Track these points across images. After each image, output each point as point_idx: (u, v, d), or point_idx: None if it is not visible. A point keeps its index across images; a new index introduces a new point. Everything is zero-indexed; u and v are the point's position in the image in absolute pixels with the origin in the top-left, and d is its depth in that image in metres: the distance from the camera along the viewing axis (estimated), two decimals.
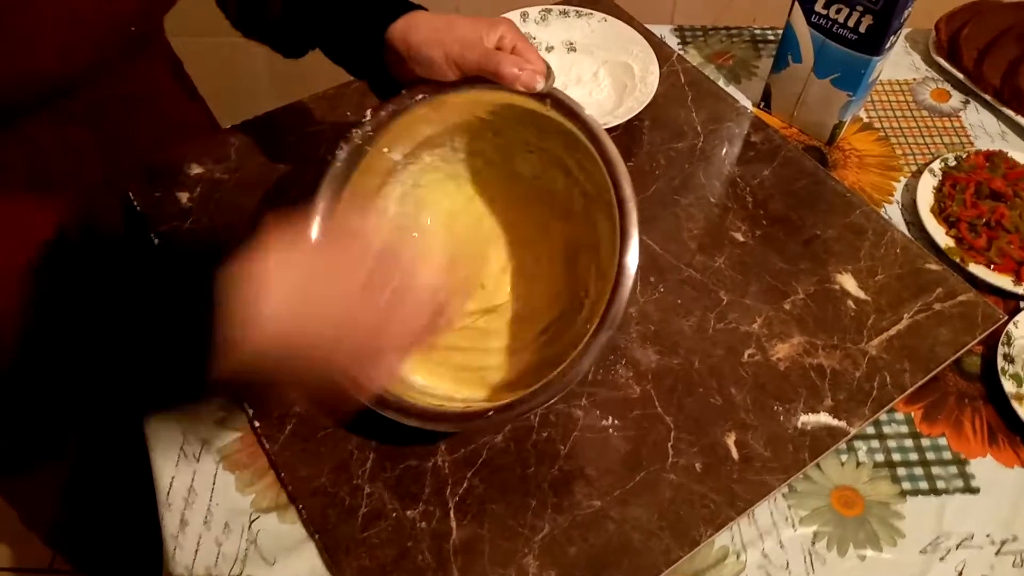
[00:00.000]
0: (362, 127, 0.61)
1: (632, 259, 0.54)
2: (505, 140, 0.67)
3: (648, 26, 0.96)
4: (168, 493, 0.61)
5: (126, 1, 0.59)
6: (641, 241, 0.71)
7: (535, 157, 0.67)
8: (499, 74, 0.56)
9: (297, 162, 0.81)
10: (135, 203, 0.76)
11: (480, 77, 0.58)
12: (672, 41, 1.00)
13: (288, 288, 0.45)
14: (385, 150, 0.64)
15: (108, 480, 0.83)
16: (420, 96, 0.61)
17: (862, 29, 0.79)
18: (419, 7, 0.62)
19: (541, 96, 0.58)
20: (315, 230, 0.62)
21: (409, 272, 0.50)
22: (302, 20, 0.67)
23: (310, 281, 0.47)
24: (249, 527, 0.60)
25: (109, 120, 0.71)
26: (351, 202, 0.64)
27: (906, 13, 0.78)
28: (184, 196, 0.77)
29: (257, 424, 0.64)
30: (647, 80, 0.86)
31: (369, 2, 0.62)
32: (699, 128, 0.87)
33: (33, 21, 0.53)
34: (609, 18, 0.93)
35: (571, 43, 0.94)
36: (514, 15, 0.93)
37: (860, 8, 0.77)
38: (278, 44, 0.71)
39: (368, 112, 0.61)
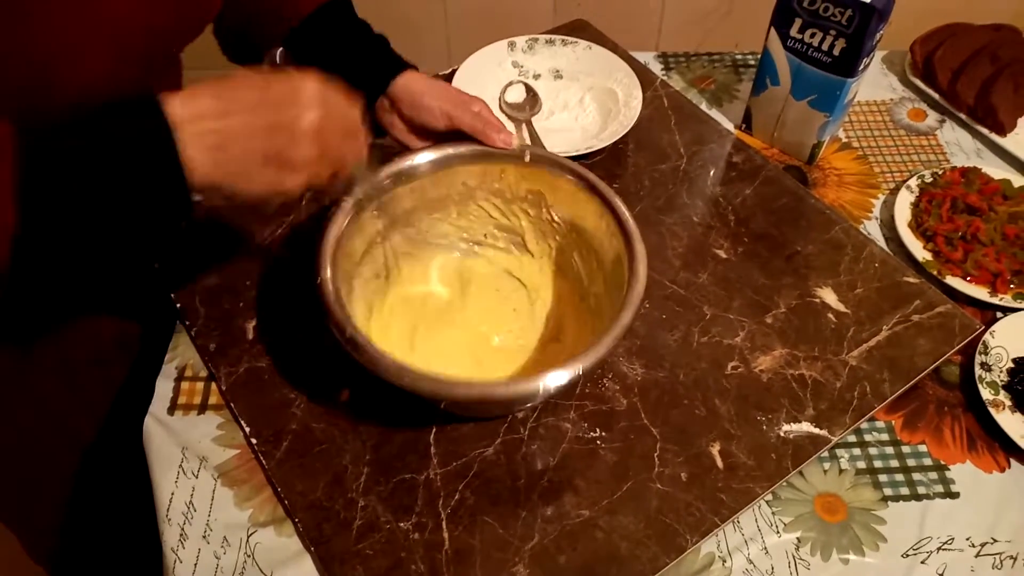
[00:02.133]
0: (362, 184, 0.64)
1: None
2: (467, 221, 0.75)
3: (633, 53, 0.99)
4: (168, 508, 0.63)
5: (164, 18, 0.61)
6: None
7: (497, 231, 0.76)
8: (487, 134, 0.68)
9: None
10: None
11: (461, 153, 0.69)
12: (656, 67, 1.03)
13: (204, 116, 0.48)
14: (375, 214, 0.67)
15: (109, 496, 0.85)
16: (422, 163, 0.68)
17: (836, 52, 0.81)
18: (413, 66, 0.71)
19: (520, 153, 0.69)
20: (327, 271, 0.61)
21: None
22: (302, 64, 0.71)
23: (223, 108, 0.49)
24: (247, 540, 0.61)
25: None
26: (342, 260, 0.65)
27: (878, 36, 0.81)
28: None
29: (254, 441, 0.66)
30: (630, 104, 0.89)
31: (374, 58, 0.71)
32: (682, 150, 0.89)
33: (85, 35, 0.55)
34: (594, 46, 0.96)
35: (557, 71, 0.97)
36: (501, 44, 0.96)
37: (833, 32, 0.80)
38: None
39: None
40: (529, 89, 0.93)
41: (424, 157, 0.68)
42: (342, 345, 0.57)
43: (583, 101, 0.94)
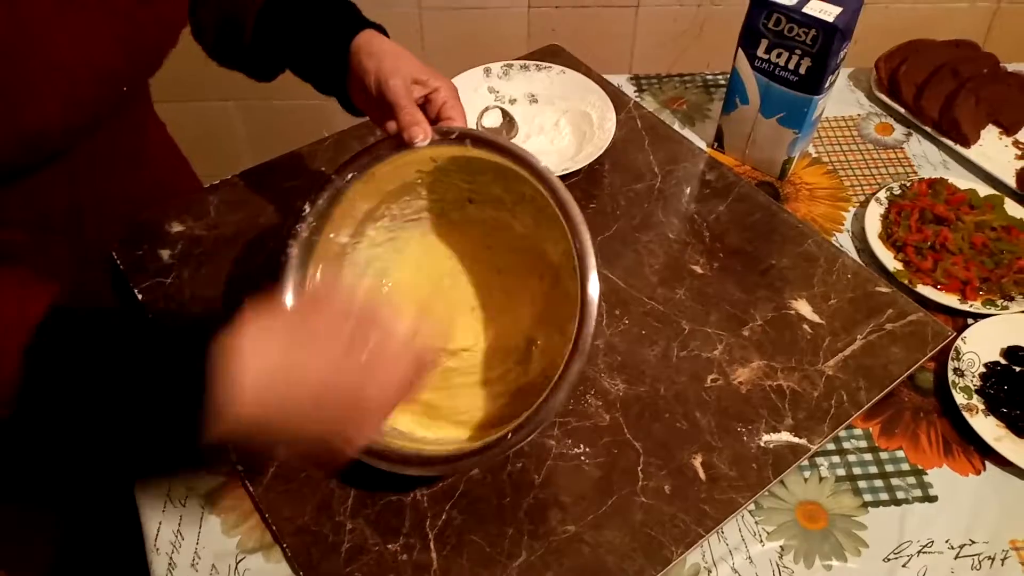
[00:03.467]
0: (305, 219, 0.65)
1: (593, 287, 0.57)
2: (439, 194, 0.71)
3: (606, 76, 1.02)
4: (156, 539, 0.63)
5: (112, 60, 0.63)
6: (605, 277, 0.74)
7: (473, 204, 0.71)
8: (396, 114, 0.62)
9: (273, 217, 0.84)
10: (118, 261, 0.79)
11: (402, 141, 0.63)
12: (629, 89, 1.05)
13: (266, 359, 0.47)
14: (331, 236, 0.67)
15: (97, 529, 0.84)
16: (350, 175, 0.65)
17: (802, 71, 0.84)
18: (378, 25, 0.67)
19: (461, 139, 0.62)
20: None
21: (386, 329, 0.52)
22: (273, 43, 0.71)
23: (289, 350, 0.48)
24: (235, 568, 0.62)
25: (105, 177, 0.75)
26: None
27: (842, 54, 0.83)
28: (166, 253, 0.80)
29: (241, 468, 0.66)
30: (605, 126, 0.91)
31: (334, 20, 0.67)
32: (657, 169, 0.91)
33: (35, 81, 0.56)
34: (567, 70, 0.99)
35: (533, 95, 0.99)
36: (477, 71, 0.98)
37: (799, 52, 0.83)
38: (251, 69, 0.76)
39: (306, 204, 0.65)
40: (505, 114, 0.94)
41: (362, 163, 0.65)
42: None
43: (558, 124, 0.96)
